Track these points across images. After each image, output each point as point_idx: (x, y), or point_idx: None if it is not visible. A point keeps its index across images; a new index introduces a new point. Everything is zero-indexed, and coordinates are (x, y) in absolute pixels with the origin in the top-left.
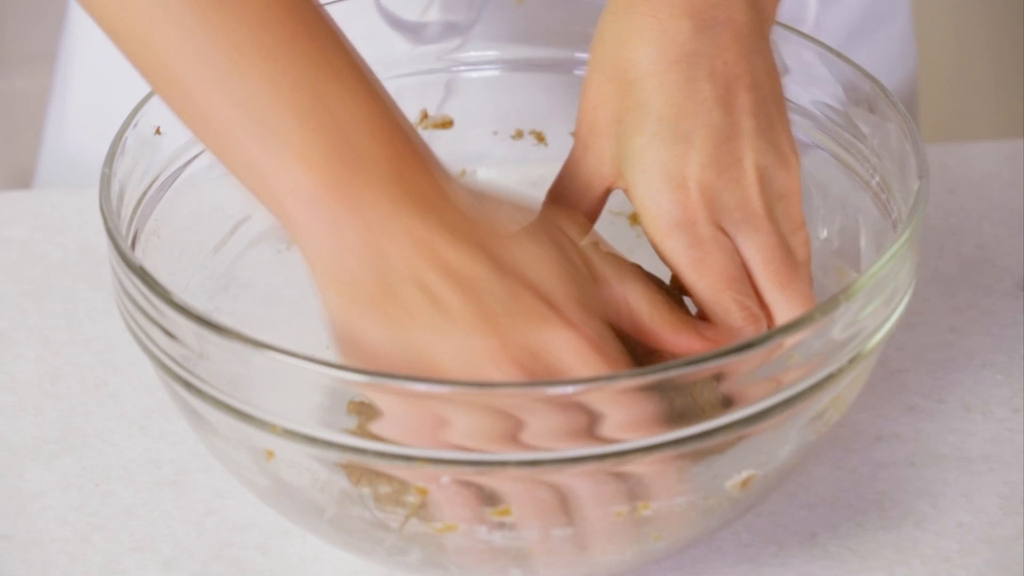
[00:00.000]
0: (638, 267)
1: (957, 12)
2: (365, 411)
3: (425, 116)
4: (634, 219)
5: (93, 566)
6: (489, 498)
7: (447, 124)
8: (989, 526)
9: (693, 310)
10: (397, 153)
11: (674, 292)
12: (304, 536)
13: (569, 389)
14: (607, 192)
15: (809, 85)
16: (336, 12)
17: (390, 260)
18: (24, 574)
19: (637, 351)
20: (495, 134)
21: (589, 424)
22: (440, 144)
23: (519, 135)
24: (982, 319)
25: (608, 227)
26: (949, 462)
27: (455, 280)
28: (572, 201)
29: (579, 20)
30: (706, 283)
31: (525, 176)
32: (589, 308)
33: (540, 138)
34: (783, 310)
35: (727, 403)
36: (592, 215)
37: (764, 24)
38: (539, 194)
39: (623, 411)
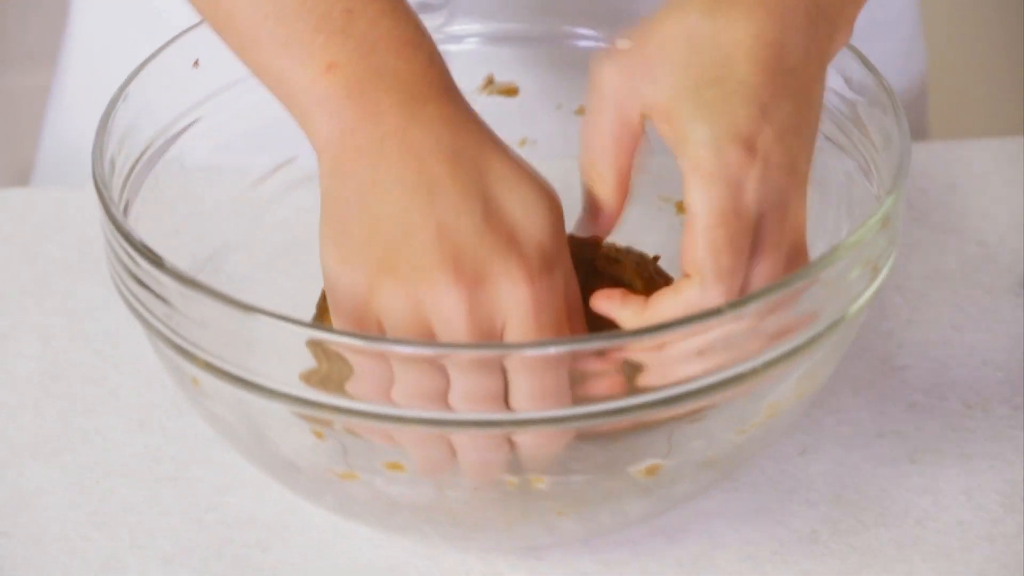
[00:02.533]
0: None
1: (966, 11)
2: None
3: (491, 82)
4: (680, 207)
5: (94, 563)
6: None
7: (512, 92)
8: (990, 523)
9: None
10: (421, 71)
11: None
12: (305, 532)
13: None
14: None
15: None
16: None
17: (395, 167)
18: (25, 572)
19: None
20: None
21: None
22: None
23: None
24: (983, 316)
25: (657, 213)
26: (950, 459)
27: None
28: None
29: None
30: (716, 235)
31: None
32: (555, 263)
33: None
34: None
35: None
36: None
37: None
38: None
39: (526, 380)
